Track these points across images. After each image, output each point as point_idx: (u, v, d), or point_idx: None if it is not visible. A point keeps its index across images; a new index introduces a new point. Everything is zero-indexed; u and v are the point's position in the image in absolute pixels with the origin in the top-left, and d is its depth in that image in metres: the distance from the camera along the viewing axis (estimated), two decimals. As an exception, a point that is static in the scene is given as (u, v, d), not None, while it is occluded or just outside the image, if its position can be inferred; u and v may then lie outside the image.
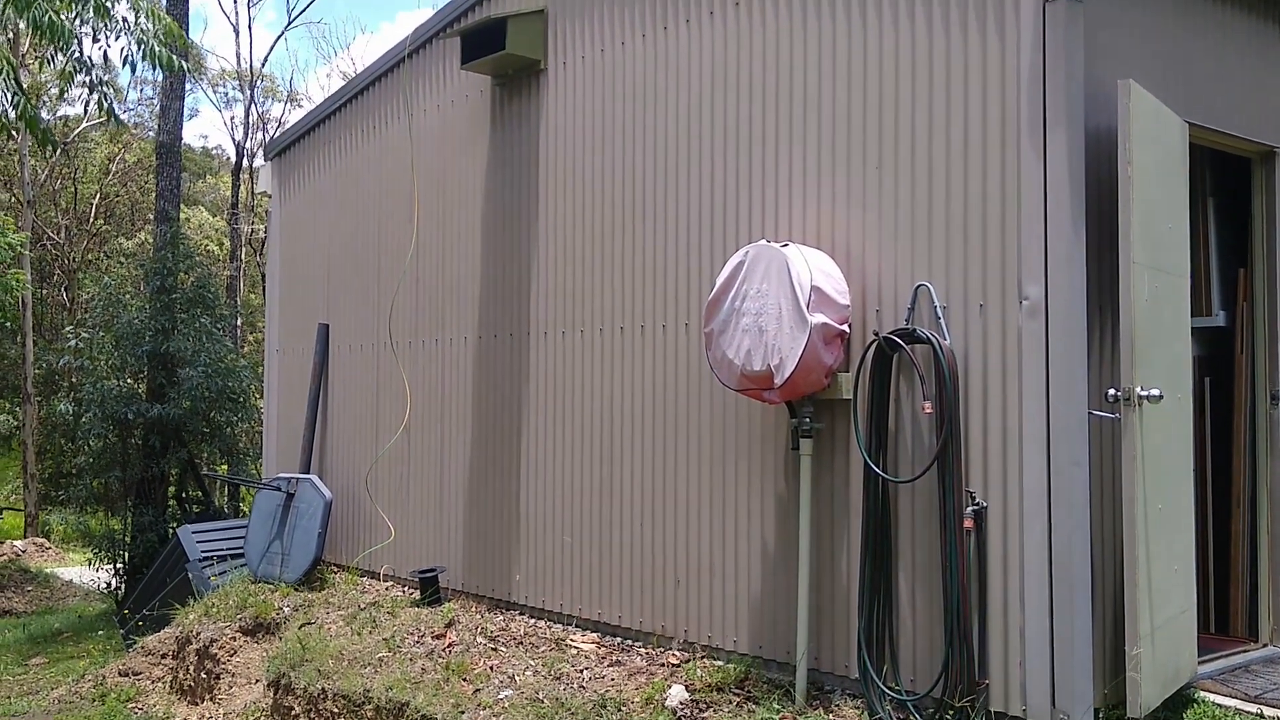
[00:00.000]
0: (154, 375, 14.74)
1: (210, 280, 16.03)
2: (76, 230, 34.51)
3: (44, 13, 6.60)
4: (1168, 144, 5.03)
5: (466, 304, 7.79)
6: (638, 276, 6.51)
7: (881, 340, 5.13)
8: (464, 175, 7.85)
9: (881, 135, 5.26)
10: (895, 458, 5.17)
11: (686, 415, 6.17)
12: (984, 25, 4.85)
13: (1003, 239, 4.78)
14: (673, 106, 6.34)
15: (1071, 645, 4.51)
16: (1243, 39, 5.78)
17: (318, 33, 59.69)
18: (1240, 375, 5.99)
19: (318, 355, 9.22)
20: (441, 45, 8.04)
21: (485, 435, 7.58)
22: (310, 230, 9.60)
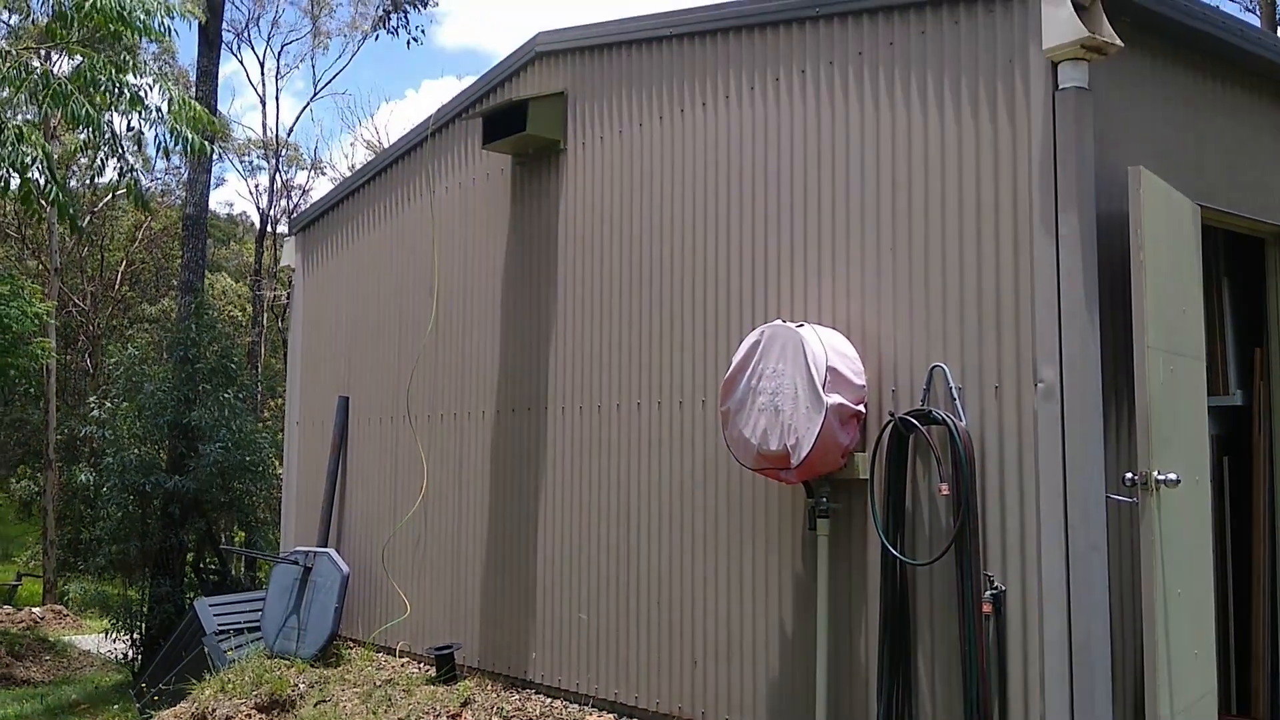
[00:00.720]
0: (175, 446, 14.85)
1: (233, 351, 16.21)
2: (102, 296, 34.94)
3: (81, 105, 6.79)
4: (1180, 228, 5.07)
5: (485, 379, 7.85)
6: (655, 353, 6.56)
7: (897, 421, 5.14)
8: (484, 251, 7.96)
9: (895, 217, 5.33)
10: (913, 539, 5.16)
11: (704, 493, 6.18)
12: (995, 112, 4.93)
13: (1017, 321, 4.81)
14: (689, 187, 6.43)
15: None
16: (1254, 122, 5.85)
17: (342, 103, 60.73)
18: (1258, 455, 5.97)
19: (337, 428, 9.28)
20: (463, 125, 8.19)
21: (502, 510, 7.60)
22: (332, 304, 9.72)
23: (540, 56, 7.55)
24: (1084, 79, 4.67)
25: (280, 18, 35.41)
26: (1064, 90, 4.69)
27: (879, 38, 5.46)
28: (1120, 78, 5.02)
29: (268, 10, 35.16)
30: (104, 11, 6.83)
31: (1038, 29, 4.74)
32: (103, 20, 6.86)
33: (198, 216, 16.26)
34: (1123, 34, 4.72)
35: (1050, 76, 4.73)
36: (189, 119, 7.43)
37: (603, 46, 7.09)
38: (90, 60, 6.88)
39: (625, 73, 6.93)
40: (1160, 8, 5.02)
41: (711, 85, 6.35)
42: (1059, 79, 4.71)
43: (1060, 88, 4.70)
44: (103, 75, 6.80)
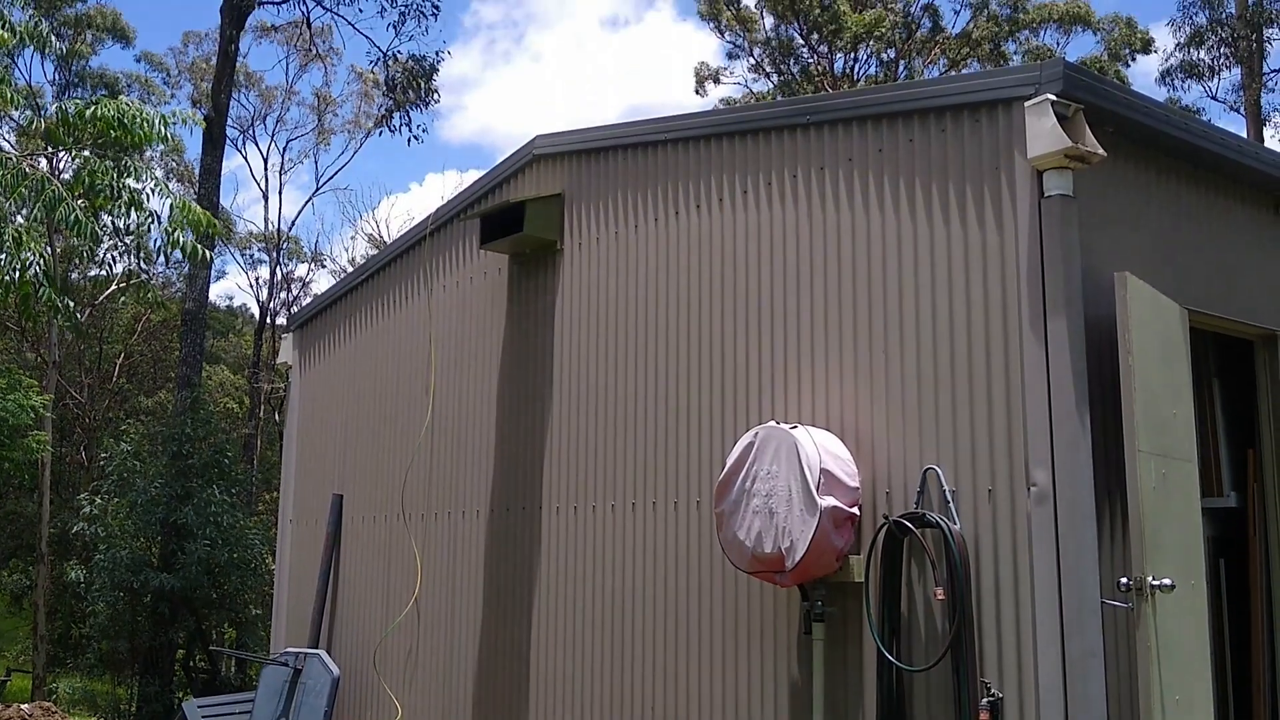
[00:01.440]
0: (166, 543, 14.75)
1: (227, 446, 16.18)
2: (99, 389, 34.95)
3: (71, 211, 6.88)
4: (1167, 331, 5.12)
5: (480, 478, 7.84)
6: (649, 453, 6.56)
7: (892, 524, 5.13)
8: (480, 350, 8.01)
9: (887, 320, 5.38)
10: (909, 644, 5.12)
11: (698, 595, 6.14)
12: (982, 218, 5.02)
13: (1009, 424, 4.84)
14: (684, 288, 6.50)
15: (1093, 845, 4.38)
16: (1237, 226, 5.94)
17: (344, 197, 61.53)
18: (1254, 557, 5.95)
19: (331, 526, 9.23)
20: (461, 225, 8.30)
21: (494, 611, 7.53)
22: (328, 401, 9.74)
23: (538, 158, 7.69)
24: (1068, 186, 4.76)
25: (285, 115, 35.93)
26: (1049, 198, 4.78)
27: (869, 144, 5.57)
28: (1105, 184, 5.12)
29: (274, 109, 35.70)
30: (104, 119, 6.97)
31: (1022, 138, 4.84)
32: (104, 126, 7.00)
33: (196, 311, 16.37)
34: (1105, 142, 4.83)
35: (1036, 184, 4.83)
36: (188, 221, 7.53)
37: (599, 150, 7.22)
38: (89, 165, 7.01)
39: (621, 175, 7.05)
40: (1140, 117, 5.14)
41: (705, 189, 6.46)
42: (1044, 186, 4.80)
43: (1046, 195, 4.79)
44: (101, 180, 6.92)
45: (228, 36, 19.04)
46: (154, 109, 7.30)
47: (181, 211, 7.49)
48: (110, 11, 29.00)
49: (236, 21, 19.25)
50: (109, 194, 6.91)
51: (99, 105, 7.07)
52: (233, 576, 14.74)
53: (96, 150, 7.20)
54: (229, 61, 19.09)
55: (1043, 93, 4.75)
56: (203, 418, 15.68)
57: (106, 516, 15.14)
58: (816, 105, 5.86)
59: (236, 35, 19.25)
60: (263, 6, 21.27)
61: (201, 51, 33.35)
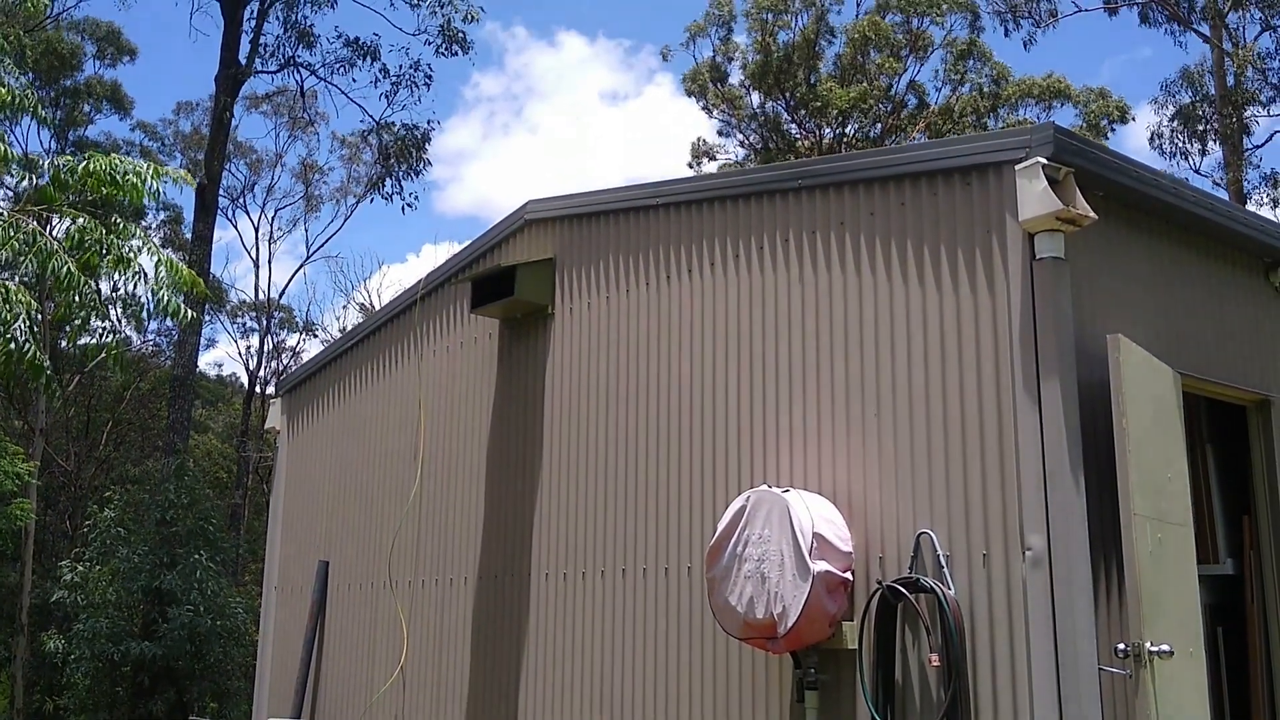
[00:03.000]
0: (148, 610, 14.52)
1: (212, 514, 16.01)
2: (86, 457, 34.68)
3: (63, 264, 6.87)
4: (1161, 395, 5.11)
5: (468, 545, 7.74)
6: (639, 519, 6.49)
7: (885, 589, 5.06)
8: (470, 415, 7.95)
9: (879, 383, 5.36)
10: (904, 711, 5.02)
11: (689, 662, 6.03)
12: (974, 280, 5.02)
13: (1002, 488, 4.79)
14: (675, 352, 6.48)
15: None
16: (1229, 291, 5.96)
17: (335, 266, 61.76)
18: (1253, 624, 5.87)
19: (316, 593, 9.09)
20: (452, 290, 8.30)
21: (482, 680, 7.39)
22: (315, 467, 9.65)
23: (530, 223, 7.71)
24: (1060, 249, 4.77)
25: (275, 184, 36.21)
26: (1041, 260, 4.79)
27: (860, 208, 5.59)
28: (1097, 248, 5.14)
29: (263, 178, 35.97)
30: (96, 175, 6.99)
31: (1014, 201, 4.86)
32: (95, 184, 7.02)
33: (184, 378, 16.32)
34: (1096, 206, 4.85)
35: (1027, 247, 4.84)
36: (175, 282, 7.51)
37: (591, 215, 7.25)
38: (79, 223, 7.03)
39: (613, 240, 7.06)
40: (1130, 182, 5.17)
41: (697, 253, 6.46)
42: (1036, 249, 4.81)
43: (1037, 257, 4.80)
44: (90, 235, 6.92)
45: (221, 104, 19.23)
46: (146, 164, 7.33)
47: (169, 271, 7.48)
48: (109, 82, 29.33)
49: (231, 90, 19.44)
50: (98, 251, 6.90)
51: (91, 160, 7.11)
52: (216, 646, 14.49)
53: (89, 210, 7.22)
54: (223, 129, 19.26)
55: (1033, 156, 4.78)
56: (188, 484, 15.54)
57: (88, 584, 14.91)
58: (808, 170, 5.89)
59: (231, 103, 19.44)
60: (257, 75, 21.51)
61: (193, 122, 33.73)
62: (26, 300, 6.78)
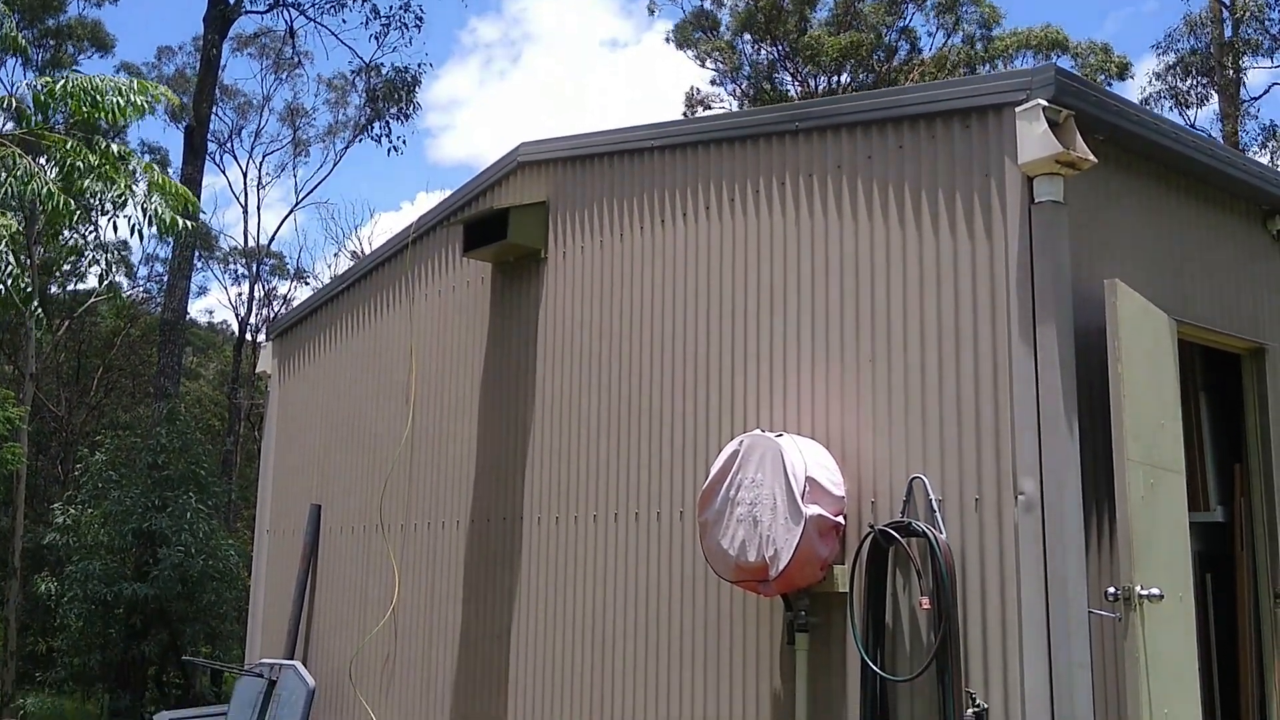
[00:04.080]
0: (140, 553, 14.56)
1: (203, 458, 16.00)
2: (77, 403, 34.62)
3: (42, 186, 6.74)
4: (1156, 341, 5.09)
5: (460, 488, 7.74)
6: (632, 463, 6.49)
7: (877, 533, 5.07)
8: (462, 359, 7.92)
9: (874, 329, 5.33)
10: (893, 654, 5.05)
11: (680, 606, 6.05)
12: (972, 225, 4.98)
13: (996, 433, 4.79)
14: (669, 297, 6.44)
15: None
16: (1226, 238, 5.93)
17: (326, 213, 61.23)
18: (1241, 572, 5.91)
19: (308, 536, 9.10)
20: (445, 233, 8.23)
21: (473, 623, 7.42)
22: (307, 410, 9.63)
23: (523, 165, 7.63)
24: (1059, 193, 4.73)
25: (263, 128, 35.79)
26: (1039, 204, 4.75)
27: (857, 152, 5.54)
28: (1095, 193, 5.10)
29: (250, 122, 35.55)
30: (76, 96, 6.86)
31: (1013, 144, 4.81)
32: (76, 105, 6.89)
33: (175, 321, 16.23)
34: (1096, 150, 4.81)
35: (1026, 191, 4.80)
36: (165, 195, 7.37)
37: (585, 157, 7.17)
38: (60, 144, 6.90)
39: (607, 183, 7.00)
40: (1131, 126, 5.12)
41: (692, 196, 6.41)
42: (1034, 193, 4.77)
43: (1036, 201, 4.76)
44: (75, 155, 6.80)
45: (210, 43, 18.95)
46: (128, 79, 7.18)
47: (158, 188, 7.34)
48: (90, 22, 28.86)
49: (220, 28, 19.16)
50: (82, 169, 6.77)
51: (70, 79, 6.97)
52: (208, 588, 14.55)
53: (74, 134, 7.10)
54: (211, 70, 19.00)
55: (1034, 98, 4.73)
56: (180, 429, 15.52)
57: (80, 527, 14.93)
58: (805, 111, 5.83)
59: (219, 42, 19.16)
60: (246, 14, 21.20)
61: (176, 65, 33.23)
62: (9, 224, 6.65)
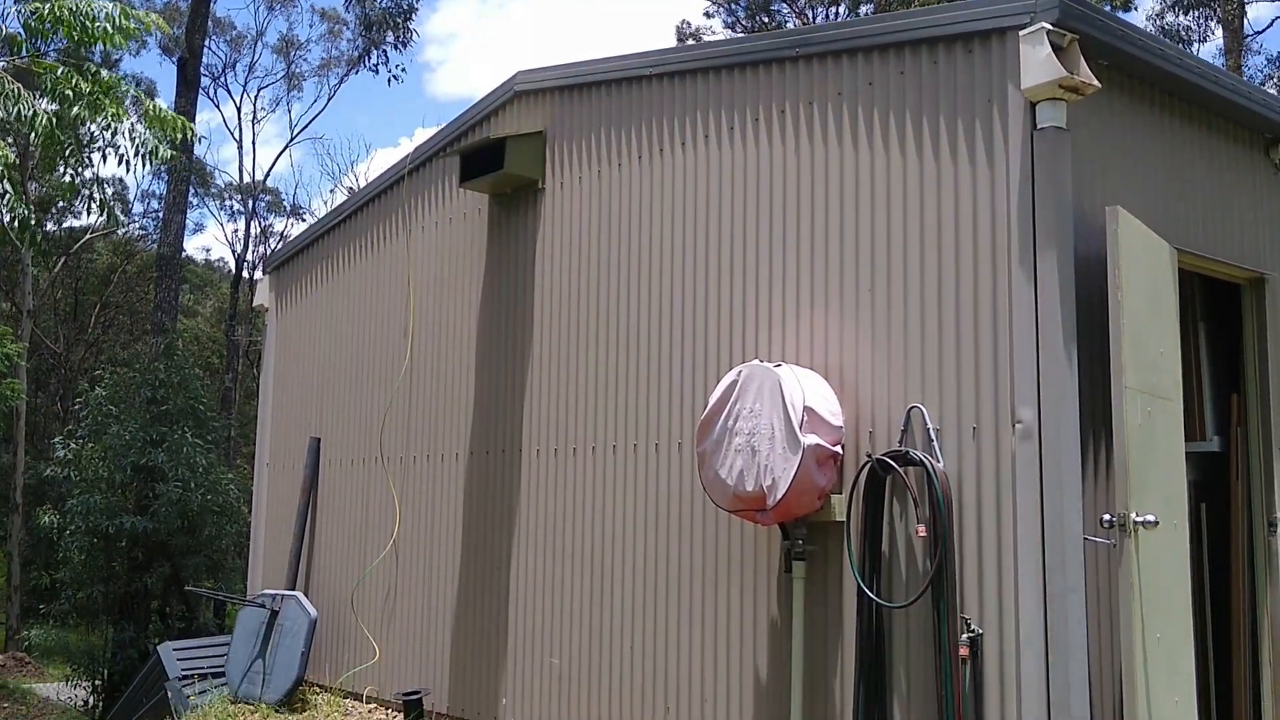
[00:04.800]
0: (140, 488, 14.62)
1: (202, 394, 16.01)
2: (75, 340, 34.61)
3: (36, 114, 6.66)
4: (1157, 269, 5.07)
5: (459, 420, 7.75)
6: (630, 395, 6.49)
7: (875, 462, 5.08)
8: (460, 292, 7.89)
9: (874, 258, 5.30)
10: (889, 582, 5.09)
11: (678, 536, 6.09)
12: (974, 152, 4.93)
13: (995, 362, 4.78)
14: (667, 227, 6.40)
15: (1072, 780, 4.38)
16: (1229, 166, 5.88)
17: (322, 149, 60.73)
18: (1236, 501, 5.94)
19: (308, 469, 9.14)
20: (441, 164, 8.16)
21: (474, 554, 7.48)
22: (305, 344, 9.62)
23: (519, 95, 7.55)
24: (1062, 119, 4.68)
25: (257, 61, 35.46)
26: (1042, 130, 4.70)
27: (858, 78, 5.47)
28: (1098, 119, 5.04)
29: (244, 55, 35.14)
30: (67, 23, 6.76)
31: (1016, 69, 4.75)
32: (67, 31, 6.79)
33: (171, 256, 16.15)
34: (1100, 76, 4.75)
35: (1028, 116, 4.74)
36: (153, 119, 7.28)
37: (582, 86, 7.09)
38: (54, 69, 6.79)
39: (604, 112, 6.92)
40: (1135, 51, 5.05)
41: (691, 125, 6.34)
42: (1037, 119, 4.72)
43: (1038, 127, 4.71)
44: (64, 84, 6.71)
45: (203, -29, 18.66)
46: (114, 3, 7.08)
47: (149, 116, 7.26)
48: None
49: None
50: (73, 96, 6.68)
51: (59, 3, 6.85)
52: (208, 522, 14.63)
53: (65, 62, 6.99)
54: (204, 0, 18.72)
55: (1038, 21, 4.65)
56: (178, 364, 15.51)
57: (81, 461, 14.98)
58: (805, 38, 5.75)
59: (213, -30, 18.83)
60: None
61: (168, 0, 32.73)
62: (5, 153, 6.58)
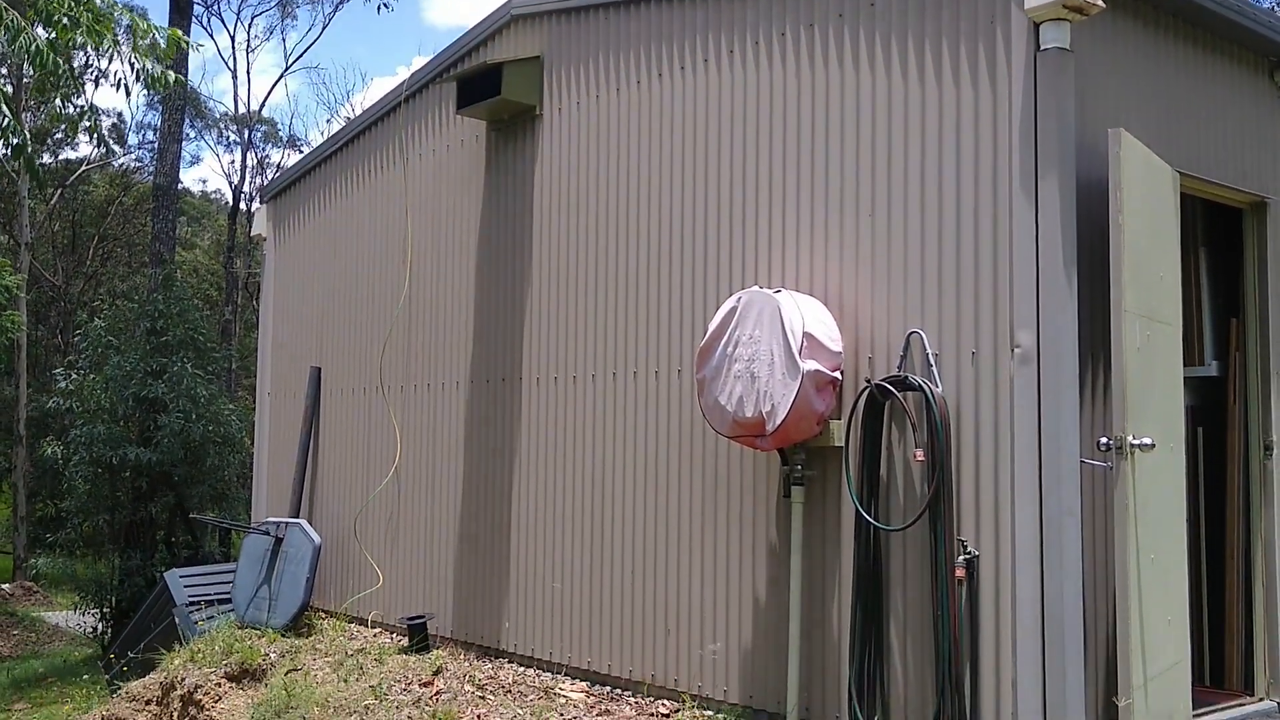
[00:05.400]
0: (143, 419, 14.68)
1: (200, 325, 16.01)
2: (73, 272, 34.53)
3: (30, 41, 6.56)
4: (1159, 193, 5.04)
5: (459, 349, 7.77)
6: (630, 322, 6.49)
7: (873, 387, 5.10)
8: (458, 220, 7.86)
9: (874, 182, 5.28)
10: (887, 506, 5.13)
11: (678, 462, 6.13)
12: (976, 74, 4.88)
13: (995, 286, 4.77)
14: (667, 153, 6.36)
15: (1063, 697, 4.46)
16: (1235, 90, 5.82)
17: (317, 79, 60.04)
18: (1233, 425, 5.97)
19: (309, 399, 9.18)
20: (438, 90, 8.08)
21: (475, 480, 7.54)
22: (304, 273, 9.60)
23: (516, 19, 7.45)
24: (1065, 40, 4.63)
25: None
26: (1045, 51, 4.65)
27: (860, 0, 5.39)
28: (1101, 41, 4.98)
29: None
30: None
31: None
32: None
33: (168, 186, 16.06)
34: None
35: (1032, 37, 4.69)
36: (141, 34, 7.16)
37: (580, 9, 7.00)
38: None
39: (603, 37, 6.84)
40: (1142, -29, 4.98)
41: (690, 49, 6.27)
42: (1040, 40, 4.67)
43: (1042, 48, 4.66)
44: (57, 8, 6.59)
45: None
46: None
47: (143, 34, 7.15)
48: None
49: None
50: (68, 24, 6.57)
51: None
52: (210, 452, 14.72)
53: None
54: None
55: (1042, -60, 4.58)
56: (177, 295, 15.49)
57: (83, 391, 15.03)
58: (806, -42, 5.65)
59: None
60: None
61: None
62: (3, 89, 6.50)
